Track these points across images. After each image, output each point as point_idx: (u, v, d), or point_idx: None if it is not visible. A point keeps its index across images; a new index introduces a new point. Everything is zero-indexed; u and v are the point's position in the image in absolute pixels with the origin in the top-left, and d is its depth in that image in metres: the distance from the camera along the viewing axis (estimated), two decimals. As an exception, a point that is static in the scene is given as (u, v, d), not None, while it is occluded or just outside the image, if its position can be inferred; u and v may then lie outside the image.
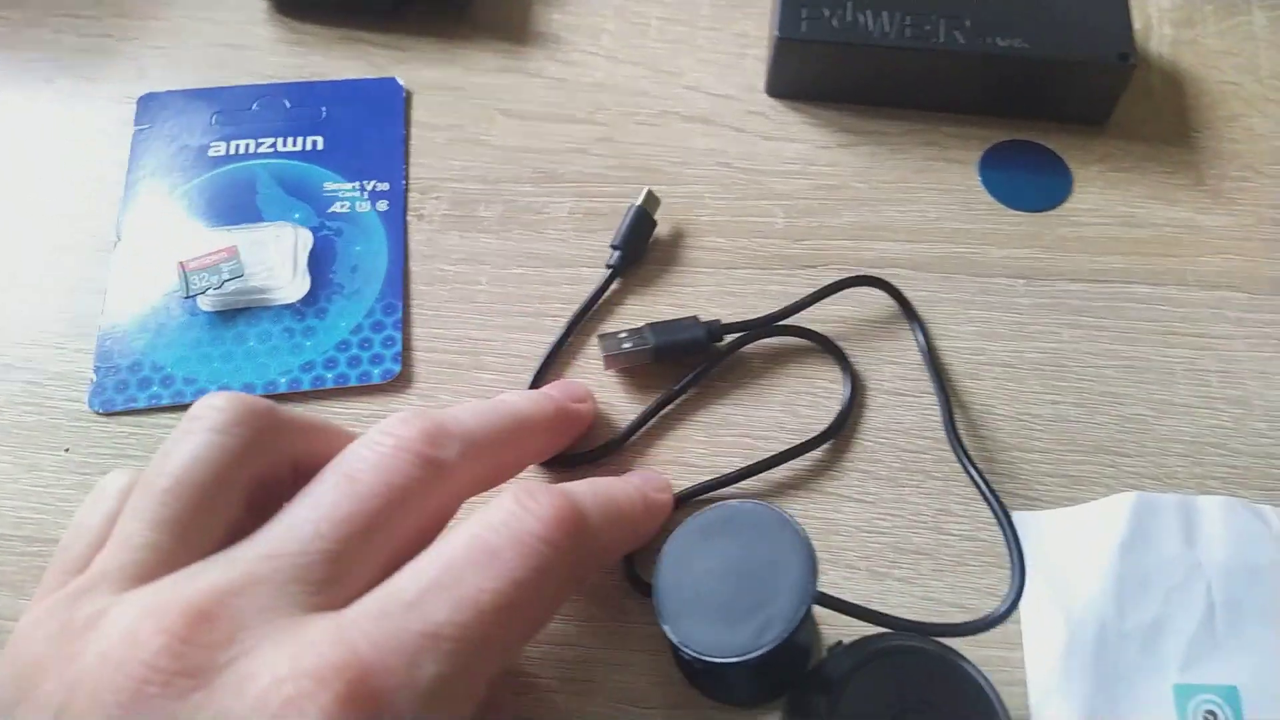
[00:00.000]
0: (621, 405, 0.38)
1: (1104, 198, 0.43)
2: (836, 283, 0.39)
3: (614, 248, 0.40)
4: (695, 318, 0.38)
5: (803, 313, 0.39)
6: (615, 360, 0.37)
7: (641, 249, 0.40)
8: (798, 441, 0.37)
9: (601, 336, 0.38)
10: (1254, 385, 0.38)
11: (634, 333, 0.37)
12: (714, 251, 0.41)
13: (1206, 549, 0.33)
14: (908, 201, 0.42)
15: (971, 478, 0.35)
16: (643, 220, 0.40)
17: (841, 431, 0.37)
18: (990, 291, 0.40)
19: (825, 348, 0.39)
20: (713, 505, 0.31)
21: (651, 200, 0.40)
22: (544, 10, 0.47)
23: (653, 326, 0.37)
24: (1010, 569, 0.32)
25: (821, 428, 0.37)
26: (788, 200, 0.42)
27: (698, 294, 0.40)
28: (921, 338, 0.39)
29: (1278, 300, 0.40)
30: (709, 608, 0.29)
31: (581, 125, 0.44)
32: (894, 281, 0.40)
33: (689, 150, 0.44)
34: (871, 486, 0.36)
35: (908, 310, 0.40)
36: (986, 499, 0.34)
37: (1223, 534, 0.33)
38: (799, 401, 0.38)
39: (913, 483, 0.36)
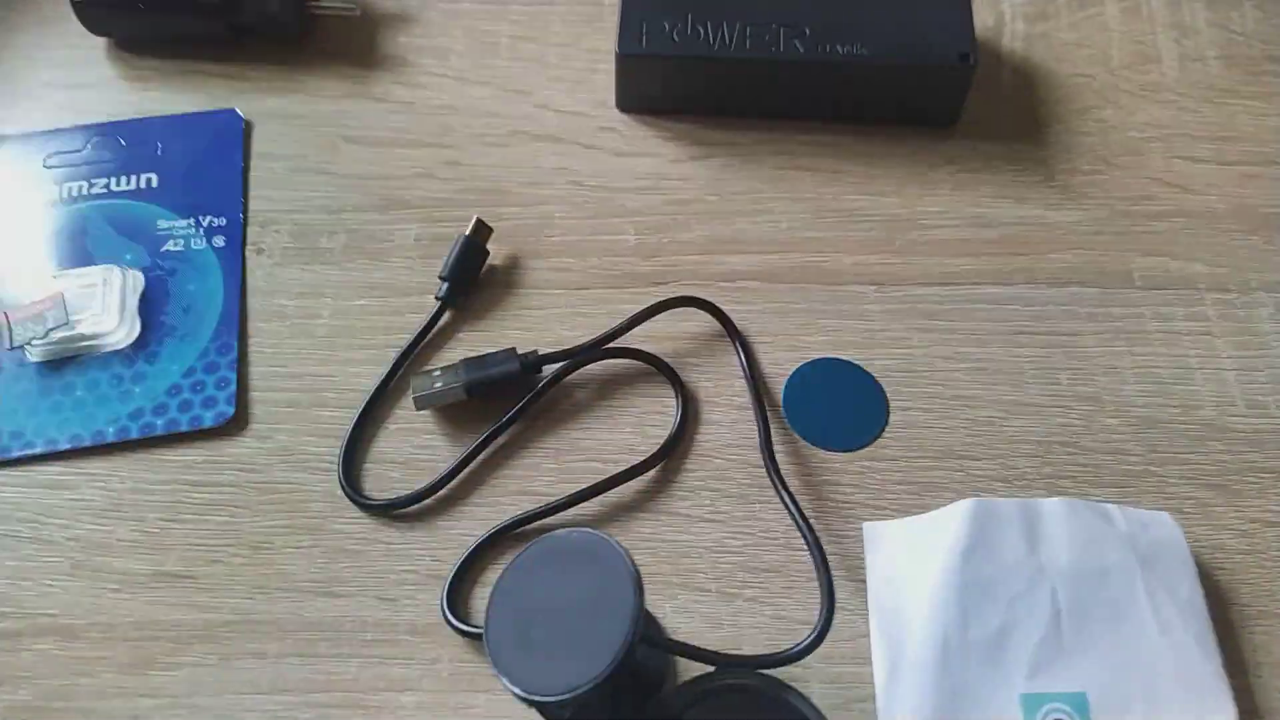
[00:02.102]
0: (443, 446, 0.37)
1: (953, 199, 0.42)
2: (656, 305, 0.38)
3: (442, 279, 0.39)
4: (513, 349, 0.37)
5: (640, 332, 0.38)
6: (426, 400, 0.36)
7: (472, 278, 0.39)
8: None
9: (415, 376, 0.37)
10: (1104, 381, 0.38)
11: (447, 370, 0.36)
12: (564, 273, 0.40)
13: (1050, 553, 0.33)
14: (760, 212, 0.42)
15: (782, 501, 0.34)
16: (471, 249, 0.39)
17: (674, 452, 0.37)
18: (841, 300, 0.40)
19: (659, 368, 0.38)
20: (540, 537, 0.30)
21: (481, 229, 0.40)
22: (389, 33, 0.46)
23: (466, 363, 0.37)
24: (819, 598, 0.32)
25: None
26: (639, 217, 0.42)
27: (547, 317, 0.39)
28: (741, 357, 0.38)
29: (1128, 294, 0.40)
30: (536, 645, 0.28)
31: (428, 149, 0.43)
32: (746, 294, 0.40)
33: (539, 170, 0.43)
34: (722, 505, 0.36)
35: (729, 328, 0.39)
36: (797, 524, 0.34)
37: (1066, 537, 0.33)
38: (650, 421, 0.37)
39: (763, 499, 0.36)
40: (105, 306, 0.38)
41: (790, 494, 0.34)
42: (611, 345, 0.38)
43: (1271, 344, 0.39)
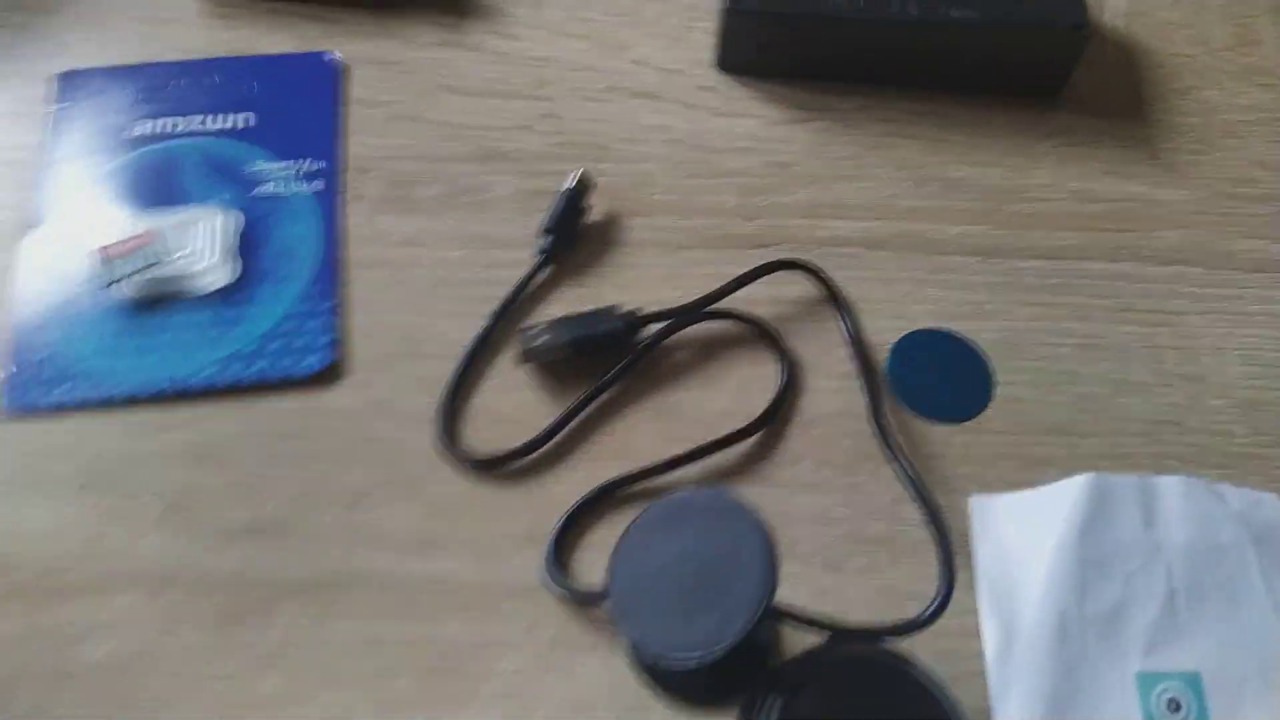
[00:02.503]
0: (543, 404, 0.36)
1: (1058, 173, 0.42)
2: (759, 268, 0.38)
3: (546, 232, 0.38)
4: (615, 308, 0.37)
5: (742, 295, 0.38)
6: (531, 355, 0.36)
7: (573, 232, 0.39)
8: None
9: (520, 330, 0.36)
10: (1209, 361, 0.38)
11: (550, 326, 0.36)
12: (664, 232, 0.40)
13: (1166, 530, 0.33)
14: (862, 178, 0.41)
15: (898, 468, 0.34)
16: (574, 203, 0.39)
17: (775, 419, 0.36)
18: (945, 269, 0.39)
19: (761, 332, 0.38)
20: (667, 495, 0.29)
21: (585, 182, 0.39)
22: (484, -18, 0.46)
23: (568, 320, 0.36)
24: (937, 567, 0.31)
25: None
26: (739, 178, 0.41)
27: (647, 276, 0.39)
28: (847, 326, 0.38)
29: (1233, 274, 0.40)
30: (666, 604, 0.28)
31: (525, 101, 0.42)
32: (848, 260, 0.39)
33: (637, 127, 0.42)
34: (826, 473, 0.35)
35: (833, 293, 0.38)
36: (913, 492, 0.33)
37: (1182, 514, 0.33)
38: (752, 386, 0.37)
39: (867, 469, 0.35)
40: (206, 245, 0.37)
41: (908, 461, 0.34)
42: (714, 308, 0.37)
43: (1377, 331, 0.39)
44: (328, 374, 0.36)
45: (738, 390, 0.37)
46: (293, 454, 0.35)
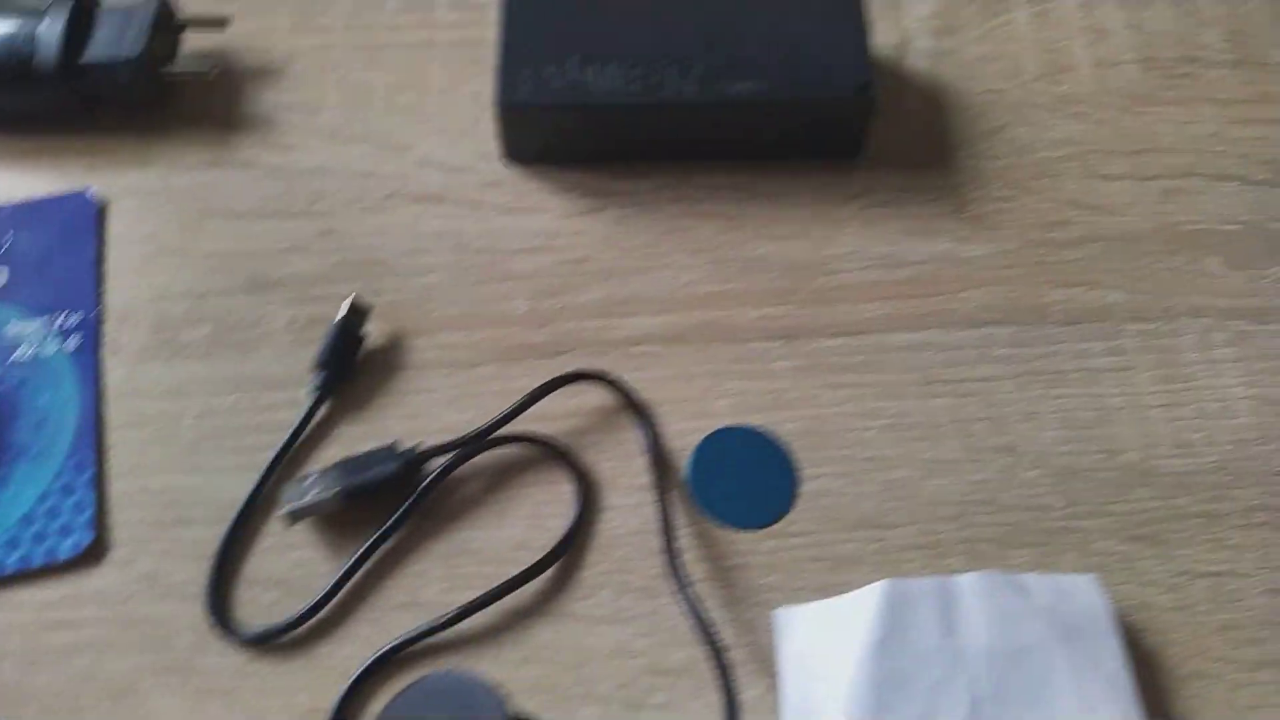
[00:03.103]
0: (324, 561, 0.34)
1: (861, 238, 0.40)
2: (546, 385, 0.36)
3: (319, 368, 0.36)
4: (393, 445, 0.35)
5: (535, 411, 0.36)
6: (298, 514, 0.34)
7: (350, 364, 0.37)
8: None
9: (286, 486, 0.34)
10: (1022, 429, 0.37)
11: (320, 477, 0.34)
12: (451, 350, 0.38)
13: (967, 635, 0.31)
14: (659, 267, 0.40)
15: (683, 597, 0.32)
16: (349, 333, 0.37)
17: (570, 547, 0.34)
18: (746, 359, 0.38)
19: (553, 451, 0.36)
20: (408, 686, 0.28)
21: (358, 309, 0.37)
22: (254, 91, 0.43)
23: (341, 466, 0.34)
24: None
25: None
26: (530, 280, 0.39)
27: (434, 401, 0.37)
28: (646, 435, 0.36)
29: (1044, 330, 0.38)
30: None
31: (299, 219, 0.40)
32: (646, 360, 0.38)
33: (420, 235, 0.40)
34: (625, 601, 0.34)
35: (631, 404, 0.37)
36: (696, 625, 0.32)
37: (983, 616, 0.32)
38: (547, 512, 0.35)
39: (669, 591, 0.34)
40: (-54, 431, 0.35)
41: (689, 592, 0.32)
42: (500, 433, 0.36)
43: (1196, 375, 0.38)
44: (90, 553, 0.34)
45: (532, 519, 0.35)
46: (57, 648, 0.33)
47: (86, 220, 0.39)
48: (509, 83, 0.39)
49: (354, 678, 0.32)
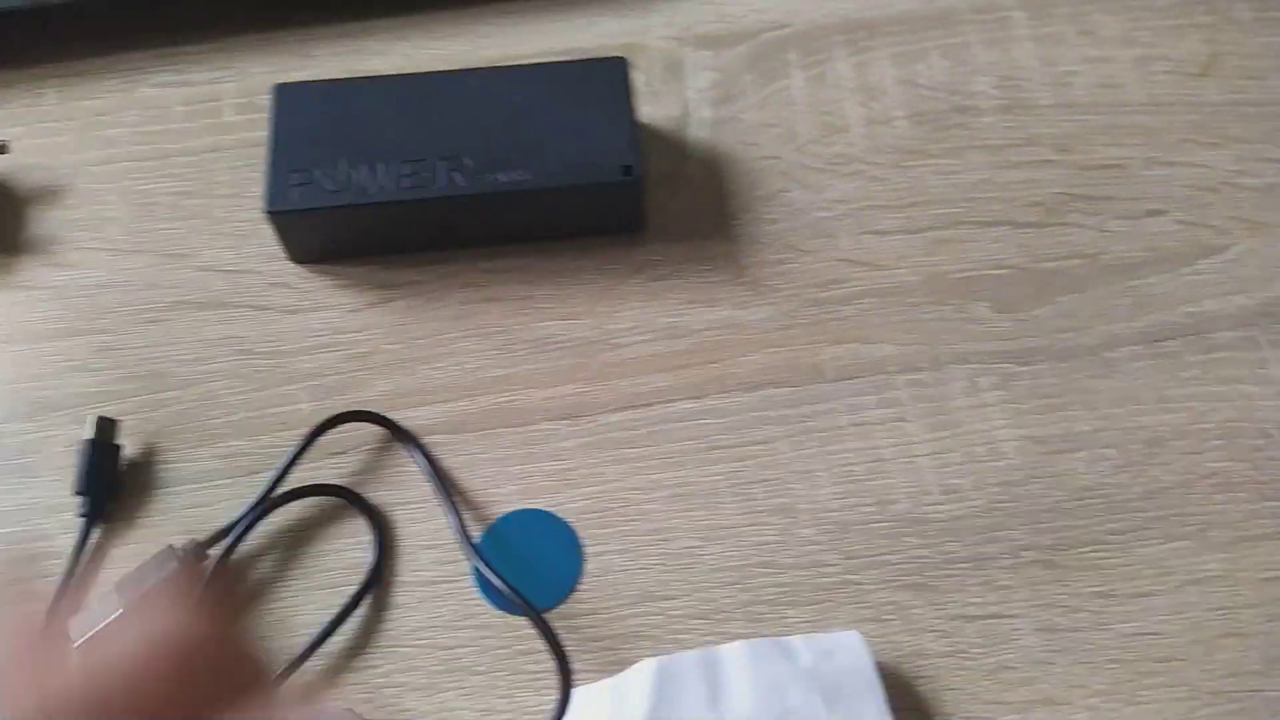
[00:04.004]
0: None
1: (645, 311, 0.41)
2: (316, 429, 0.37)
3: (79, 493, 0.36)
4: (171, 546, 0.35)
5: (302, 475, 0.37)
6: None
7: (114, 480, 0.37)
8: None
9: (73, 617, 0.34)
10: (799, 489, 0.38)
11: (103, 601, 0.34)
12: (233, 459, 0.38)
13: (731, 704, 0.32)
14: (446, 355, 0.40)
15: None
16: (101, 451, 0.37)
17: (378, 582, 0.36)
18: (532, 442, 0.39)
19: (340, 495, 0.37)
20: None
21: (105, 427, 0.37)
22: (38, 210, 0.43)
23: (122, 583, 0.34)
24: None
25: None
26: (315, 380, 0.40)
27: (215, 511, 0.37)
28: (423, 462, 0.38)
29: (819, 388, 0.40)
30: None
31: (81, 337, 0.40)
32: (433, 448, 0.38)
33: (204, 343, 0.40)
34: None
35: (398, 434, 0.38)
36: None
37: (749, 683, 0.32)
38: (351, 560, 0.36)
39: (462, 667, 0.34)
40: None
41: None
42: (276, 495, 0.36)
43: (963, 420, 0.39)
44: None
45: (344, 559, 0.36)
46: None
47: None
48: (278, 189, 0.40)
49: None
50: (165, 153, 0.44)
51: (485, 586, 0.36)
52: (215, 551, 0.35)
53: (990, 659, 0.35)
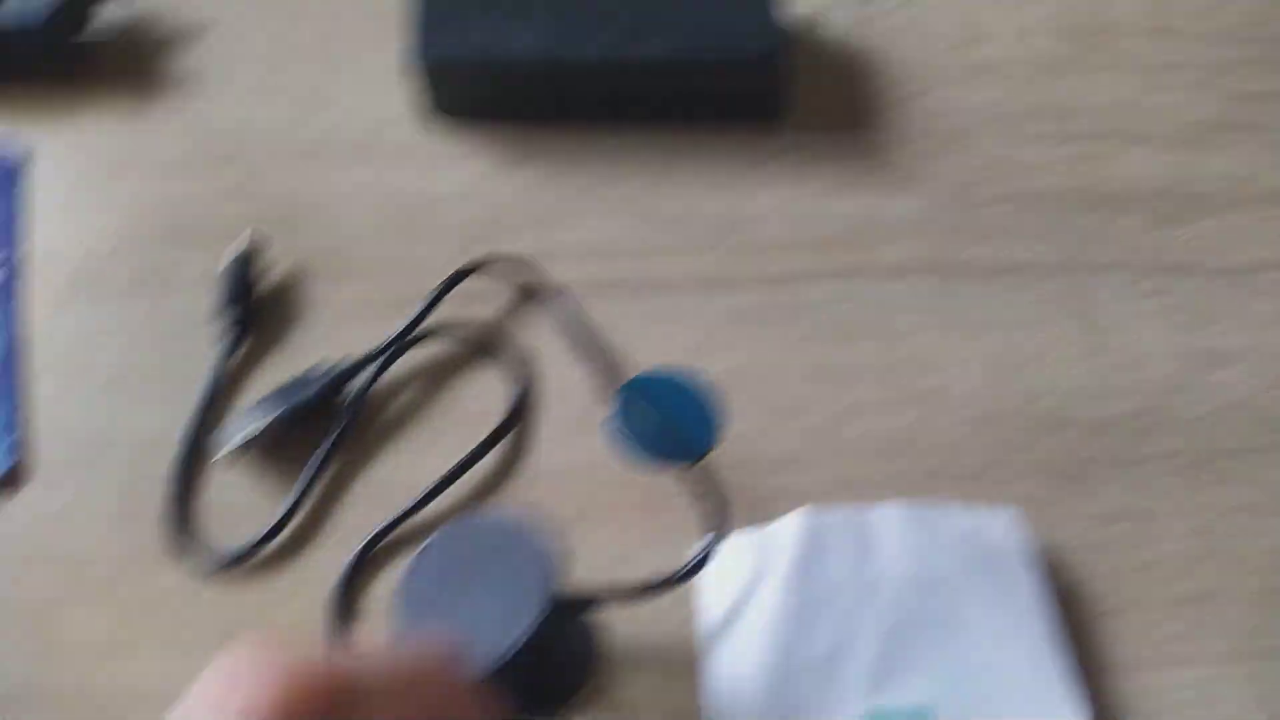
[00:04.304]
0: (280, 489, 0.34)
1: (783, 196, 0.40)
2: (456, 274, 0.37)
3: (229, 306, 0.36)
4: (316, 367, 0.35)
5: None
6: (238, 453, 0.33)
7: (250, 300, 0.36)
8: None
9: (222, 427, 0.34)
10: (943, 376, 0.37)
11: (252, 411, 0.33)
12: (372, 299, 0.37)
13: (883, 564, 0.31)
14: (581, 220, 0.40)
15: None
16: (247, 270, 0.36)
17: (519, 421, 0.35)
18: (671, 309, 0.38)
19: (475, 343, 0.37)
20: (444, 526, 0.28)
21: (256, 245, 0.37)
22: (175, 51, 0.43)
23: (270, 397, 0.34)
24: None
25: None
26: (453, 232, 0.39)
27: (353, 347, 0.36)
28: (567, 310, 0.37)
29: (965, 283, 0.39)
30: (456, 627, 0.26)
31: (217, 174, 0.40)
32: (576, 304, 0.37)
33: (341, 189, 0.40)
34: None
35: (543, 285, 0.38)
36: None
37: (899, 546, 0.31)
38: (487, 398, 0.36)
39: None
40: None
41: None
42: (419, 331, 0.36)
43: (1113, 327, 0.38)
44: (10, 479, 0.33)
45: (481, 402, 0.36)
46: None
47: (10, 168, 0.39)
48: (428, 38, 0.39)
49: (349, 564, 0.32)
50: (300, 2, 0.44)
51: (626, 435, 0.35)
52: (359, 380, 0.35)
53: (1138, 554, 0.34)
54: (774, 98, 0.41)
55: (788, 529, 0.32)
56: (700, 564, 0.31)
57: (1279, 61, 0.44)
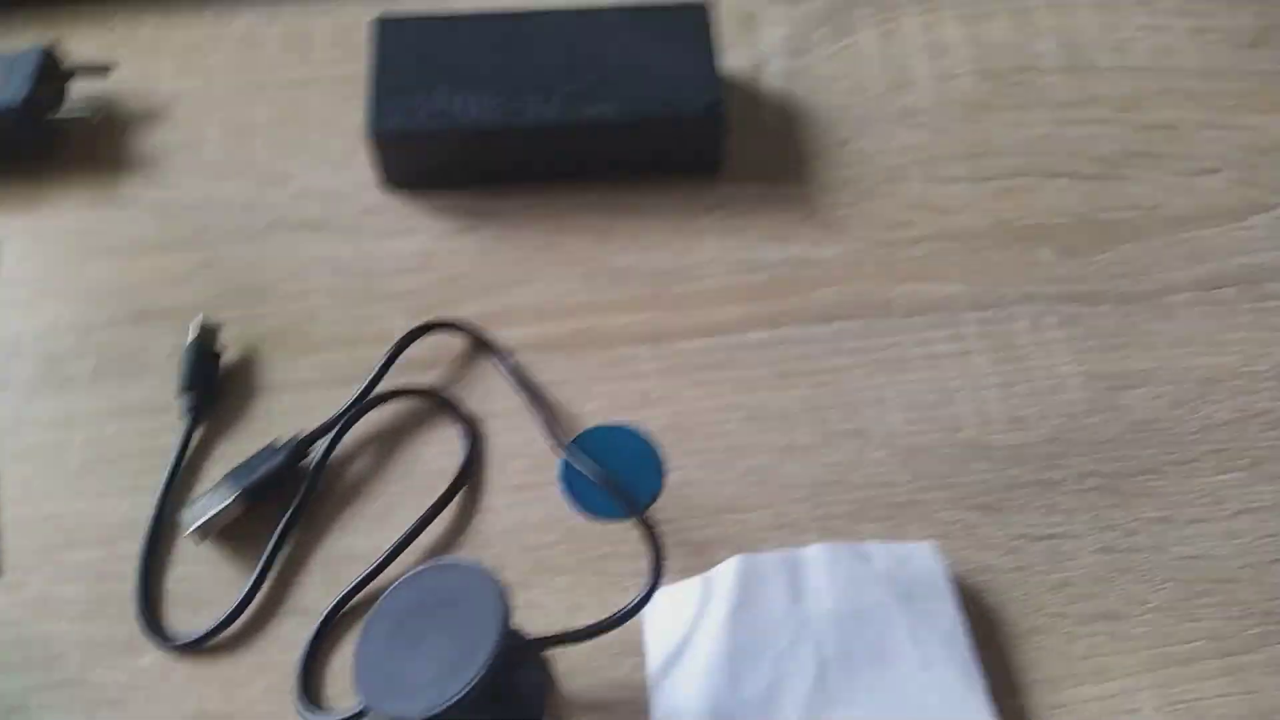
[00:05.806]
0: (242, 567, 0.36)
1: (721, 247, 0.43)
2: (406, 336, 0.39)
3: (184, 391, 0.38)
4: (274, 442, 0.37)
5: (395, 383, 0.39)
6: (203, 531, 0.35)
7: (213, 382, 0.39)
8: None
9: (184, 508, 0.36)
10: (870, 414, 0.39)
11: (214, 490, 0.36)
12: (333, 369, 0.40)
13: (813, 602, 0.34)
14: (530, 281, 0.42)
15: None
16: (205, 353, 0.38)
17: (469, 480, 0.38)
18: (613, 364, 0.40)
19: (431, 399, 0.39)
20: (395, 585, 0.29)
21: (208, 330, 0.39)
22: (139, 132, 0.45)
23: (229, 476, 0.36)
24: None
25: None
26: (408, 299, 0.41)
27: (312, 418, 0.38)
28: (511, 372, 0.40)
29: (889, 323, 0.41)
30: (412, 675, 0.27)
31: (181, 253, 0.42)
32: (524, 363, 0.40)
33: (300, 261, 0.42)
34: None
35: (489, 347, 0.40)
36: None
37: (828, 583, 0.34)
38: (446, 453, 0.38)
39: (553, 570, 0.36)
40: None
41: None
42: (375, 394, 0.38)
43: (1028, 356, 0.41)
44: None
45: (434, 461, 0.38)
46: (-54, 670, 0.34)
47: (-27, 261, 0.41)
48: (380, 112, 0.41)
49: (311, 636, 0.34)
50: (260, 83, 0.46)
51: (573, 490, 0.37)
52: (316, 449, 0.37)
53: (1053, 575, 0.36)
54: (713, 153, 0.44)
55: (725, 574, 0.34)
56: (638, 606, 0.33)
57: (1183, 92, 0.47)
